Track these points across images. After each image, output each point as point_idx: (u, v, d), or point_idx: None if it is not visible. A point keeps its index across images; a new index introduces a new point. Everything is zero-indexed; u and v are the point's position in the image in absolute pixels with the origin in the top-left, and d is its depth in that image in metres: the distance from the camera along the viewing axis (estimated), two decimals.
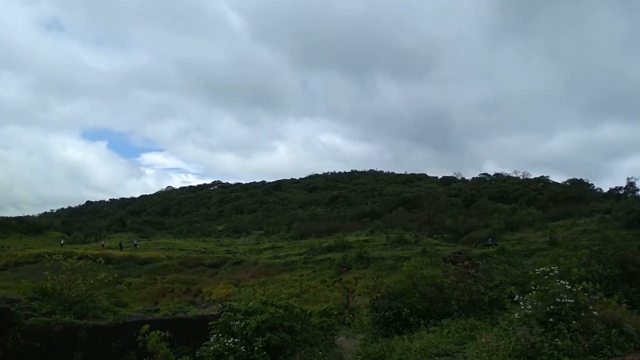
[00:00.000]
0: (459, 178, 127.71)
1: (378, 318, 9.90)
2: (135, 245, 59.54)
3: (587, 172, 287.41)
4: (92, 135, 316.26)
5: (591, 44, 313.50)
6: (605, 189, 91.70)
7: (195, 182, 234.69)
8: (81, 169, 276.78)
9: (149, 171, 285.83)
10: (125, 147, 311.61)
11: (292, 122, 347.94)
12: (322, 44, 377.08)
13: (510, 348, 5.37)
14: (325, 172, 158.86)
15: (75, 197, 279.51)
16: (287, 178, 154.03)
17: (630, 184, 77.07)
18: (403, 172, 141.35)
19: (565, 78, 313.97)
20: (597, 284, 6.53)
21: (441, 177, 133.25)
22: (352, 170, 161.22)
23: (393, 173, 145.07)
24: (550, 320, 5.40)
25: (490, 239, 50.52)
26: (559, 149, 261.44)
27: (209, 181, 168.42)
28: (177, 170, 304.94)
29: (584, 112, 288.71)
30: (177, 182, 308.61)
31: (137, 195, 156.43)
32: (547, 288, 5.84)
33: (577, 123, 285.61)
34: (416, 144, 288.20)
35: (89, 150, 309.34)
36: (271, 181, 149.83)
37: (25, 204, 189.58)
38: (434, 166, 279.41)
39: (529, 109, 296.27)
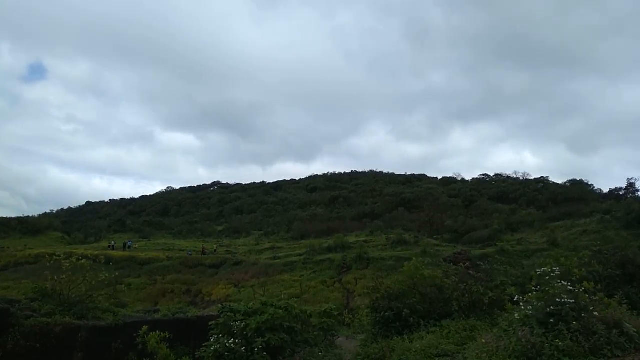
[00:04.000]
0: (459, 179, 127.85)
1: (378, 319, 9.89)
2: (130, 246, 59.13)
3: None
4: None
5: None
6: (605, 190, 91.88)
7: None
8: None
9: None
10: None
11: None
12: None
13: (511, 349, 5.37)
14: (326, 172, 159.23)
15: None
16: (287, 179, 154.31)
17: (630, 185, 76.93)
18: (403, 173, 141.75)
19: None
20: (598, 285, 6.53)
21: (441, 177, 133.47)
22: (352, 171, 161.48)
23: (393, 173, 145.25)
24: (551, 320, 5.40)
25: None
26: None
27: None
28: None
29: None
30: None
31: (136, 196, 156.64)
32: (547, 289, 5.83)
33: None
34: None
35: None
36: (271, 182, 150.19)
37: None
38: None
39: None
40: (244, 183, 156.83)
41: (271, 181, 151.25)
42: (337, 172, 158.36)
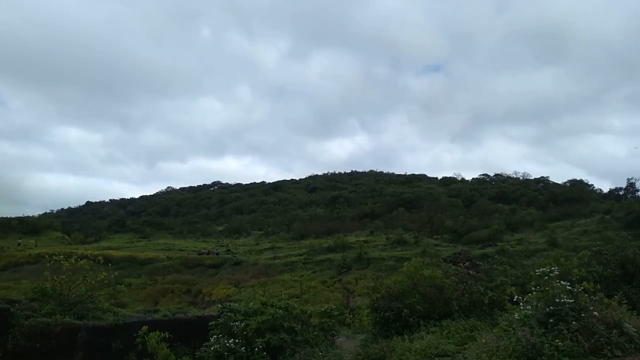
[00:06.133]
0: (459, 179, 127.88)
1: (378, 319, 9.88)
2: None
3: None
4: None
5: None
6: (605, 190, 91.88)
7: None
8: None
9: None
10: None
11: None
12: None
13: (511, 349, 5.36)
14: (325, 172, 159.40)
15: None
16: (287, 179, 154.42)
17: (630, 185, 76.90)
18: (403, 173, 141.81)
19: None
20: (598, 285, 6.52)
21: (441, 177, 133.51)
22: (352, 171, 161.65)
23: (393, 173, 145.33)
24: (551, 320, 5.39)
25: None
26: None
27: None
28: None
29: None
30: None
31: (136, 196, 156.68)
32: (547, 289, 5.83)
33: None
34: None
35: None
36: (271, 182, 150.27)
37: None
38: None
39: None
40: (243, 183, 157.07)
41: (271, 181, 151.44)
42: (337, 172, 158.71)
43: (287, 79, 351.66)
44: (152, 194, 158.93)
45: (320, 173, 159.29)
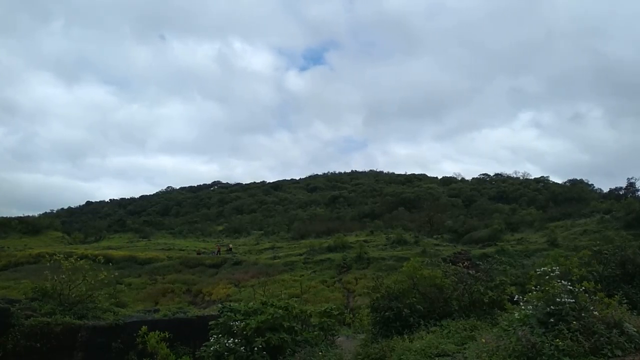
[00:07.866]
0: (459, 178, 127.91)
1: (378, 318, 9.89)
2: None
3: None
4: None
5: None
6: (605, 189, 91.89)
7: None
8: None
9: None
10: None
11: None
12: None
13: (511, 348, 5.36)
14: (326, 172, 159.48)
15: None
16: (287, 178, 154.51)
17: (630, 184, 76.81)
18: (403, 172, 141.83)
19: None
20: (598, 284, 6.53)
21: (441, 177, 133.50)
22: (352, 171, 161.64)
23: (393, 173, 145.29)
24: (551, 320, 5.39)
25: None
26: None
27: None
28: None
29: None
30: None
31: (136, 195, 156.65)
32: (547, 288, 5.83)
33: None
34: None
35: None
36: (271, 181, 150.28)
37: None
38: None
39: None
40: (244, 183, 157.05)
41: (271, 181, 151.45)
42: (337, 172, 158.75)
43: (166, 70, 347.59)
44: (152, 193, 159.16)
45: (320, 173, 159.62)
